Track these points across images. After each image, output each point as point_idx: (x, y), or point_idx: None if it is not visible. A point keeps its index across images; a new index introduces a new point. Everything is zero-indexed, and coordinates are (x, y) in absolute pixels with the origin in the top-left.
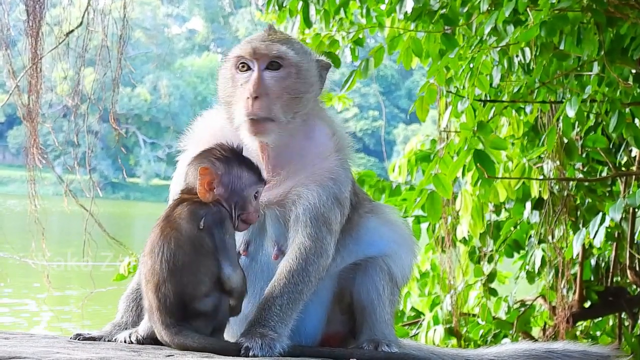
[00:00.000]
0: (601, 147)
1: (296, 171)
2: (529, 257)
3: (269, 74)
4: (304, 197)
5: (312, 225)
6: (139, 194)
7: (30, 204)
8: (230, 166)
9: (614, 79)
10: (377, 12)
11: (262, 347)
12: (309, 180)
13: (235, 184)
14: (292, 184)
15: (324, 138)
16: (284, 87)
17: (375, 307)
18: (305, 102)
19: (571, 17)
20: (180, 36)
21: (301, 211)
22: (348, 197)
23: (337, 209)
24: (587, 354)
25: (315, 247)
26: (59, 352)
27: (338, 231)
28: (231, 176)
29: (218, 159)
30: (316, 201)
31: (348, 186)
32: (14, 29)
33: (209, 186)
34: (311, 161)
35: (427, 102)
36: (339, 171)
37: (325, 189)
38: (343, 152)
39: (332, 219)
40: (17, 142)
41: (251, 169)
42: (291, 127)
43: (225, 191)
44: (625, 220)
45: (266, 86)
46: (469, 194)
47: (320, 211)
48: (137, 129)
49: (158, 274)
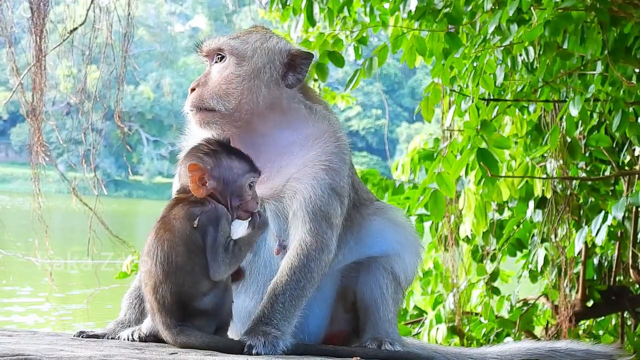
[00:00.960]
0: (604, 146)
1: (285, 164)
2: (532, 256)
3: (215, 67)
4: (298, 192)
5: (311, 221)
6: (141, 191)
7: (34, 201)
8: (219, 159)
9: (617, 78)
10: (381, 11)
11: (265, 345)
12: (301, 173)
13: (226, 175)
14: (284, 177)
15: (313, 127)
16: (224, 76)
17: (379, 306)
18: (254, 91)
19: (575, 16)
20: (183, 34)
21: (298, 207)
22: (346, 187)
23: (335, 201)
24: (589, 353)
25: (316, 242)
26: (63, 349)
27: (339, 225)
28: (221, 168)
29: (206, 153)
30: (311, 195)
31: (344, 175)
32: (18, 26)
33: (200, 182)
34: (298, 152)
35: (432, 102)
36: (331, 159)
37: (319, 181)
38: (333, 139)
39: (331, 212)
40: (21, 139)
41: (242, 159)
42: (240, 117)
43: (218, 184)
44: (628, 219)
45: (208, 78)
46: (472, 192)
47: (317, 205)
48: (140, 126)
49: (154, 276)
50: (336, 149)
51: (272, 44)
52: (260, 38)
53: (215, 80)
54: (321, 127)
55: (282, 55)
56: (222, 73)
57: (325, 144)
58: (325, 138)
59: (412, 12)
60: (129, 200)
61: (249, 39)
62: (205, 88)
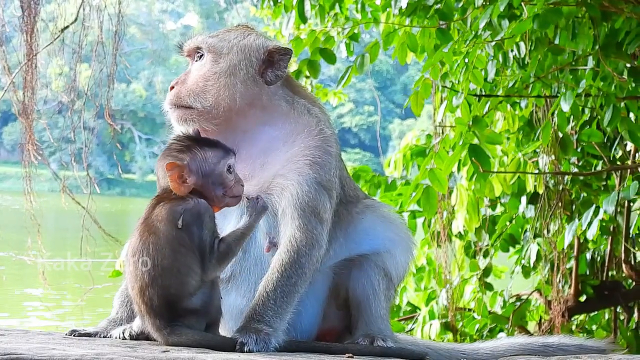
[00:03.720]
0: (596, 141)
1: (269, 160)
2: (525, 251)
3: (194, 65)
4: (285, 188)
5: (300, 217)
6: (134, 190)
7: (26, 200)
8: (193, 152)
9: (608, 73)
10: (372, 8)
11: (257, 342)
12: (285, 169)
13: (204, 167)
14: (269, 173)
15: (295, 123)
16: (201, 74)
17: (371, 302)
18: (230, 88)
19: (566, 12)
20: (175, 32)
21: (286, 204)
22: (334, 180)
23: (323, 195)
24: (582, 347)
25: (307, 238)
26: (55, 348)
27: (329, 220)
28: (197, 161)
29: (179, 150)
30: (298, 191)
31: (330, 168)
32: (9, 25)
33: (180, 179)
34: (281, 148)
35: (422, 96)
36: (314, 154)
37: (304, 176)
38: (315, 134)
39: (320, 207)
40: (13, 138)
41: (213, 146)
42: (218, 114)
43: (197, 178)
44: (620, 214)
45: (187, 76)
46: (465, 188)
47: (305, 201)
48: (133, 125)
49: (140, 279)
50: (319, 142)
51: (249, 41)
52: (238, 35)
53: (193, 77)
54: (303, 122)
55: (259, 51)
56: (199, 71)
57: (308, 138)
58: (307, 132)
59: (404, 9)
60: (121, 198)
61: (227, 36)
62: (183, 86)
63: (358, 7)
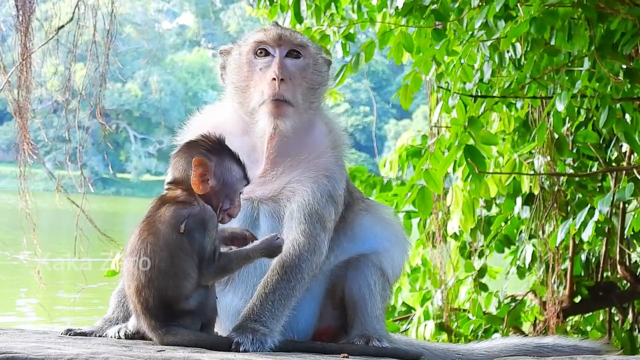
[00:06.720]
0: (592, 142)
1: (292, 166)
2: (520, 252)
3: (290, 62)
4: (298, 193)
5: (306, 222)
6: (129, 189)
7: (21, 200)
8: (222, 158)
9: (604, 74)
10: (368, 7)
11: (253, 342)
12: (303, 176)
13: (226, 177)
14: (287, 179)
15: (321, 135)
16: (304, 76)
17: (367, 302)
18: (319, 95)
19: (561, 13)
20: (170, 32)
21: (295, 208)
22: (342, 195)
23: (332, 206)
24: (577, 348)
25: (309, 243)
26: (50, 347)
27: (332, 229)
28: (223, 168)
29: (209, 150)
30: (310, 198)
31: (342, 184)
32: (4, 24)
33: (202, 178)
34: (307, 157)
35: (411, 90)
36: (333, 168)
37: (320, 186)
38: (338, 149)
39: (326, 217)
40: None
41: (239, 164)
42: (305, 118)
43: (217, 184)
44: (615, 215)
45: (290, 71)
46: (460, 189)
47: (315, 208)
48: (128, 124)
49: (137, 279)
50: (340, 157)
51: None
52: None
53: (299, 77)
54: (331, 136)
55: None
56: (302, 72)
57: (333, 152)
58: (333, 147)
59: (400, 9)
60: (117, 198)
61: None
62: (291, 82)
63: (354, 6)
